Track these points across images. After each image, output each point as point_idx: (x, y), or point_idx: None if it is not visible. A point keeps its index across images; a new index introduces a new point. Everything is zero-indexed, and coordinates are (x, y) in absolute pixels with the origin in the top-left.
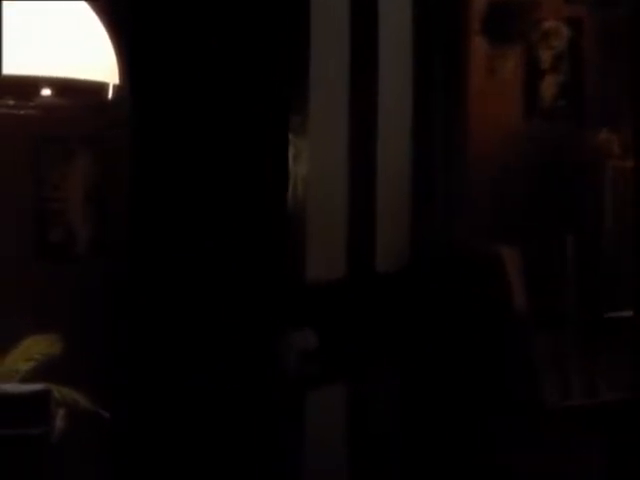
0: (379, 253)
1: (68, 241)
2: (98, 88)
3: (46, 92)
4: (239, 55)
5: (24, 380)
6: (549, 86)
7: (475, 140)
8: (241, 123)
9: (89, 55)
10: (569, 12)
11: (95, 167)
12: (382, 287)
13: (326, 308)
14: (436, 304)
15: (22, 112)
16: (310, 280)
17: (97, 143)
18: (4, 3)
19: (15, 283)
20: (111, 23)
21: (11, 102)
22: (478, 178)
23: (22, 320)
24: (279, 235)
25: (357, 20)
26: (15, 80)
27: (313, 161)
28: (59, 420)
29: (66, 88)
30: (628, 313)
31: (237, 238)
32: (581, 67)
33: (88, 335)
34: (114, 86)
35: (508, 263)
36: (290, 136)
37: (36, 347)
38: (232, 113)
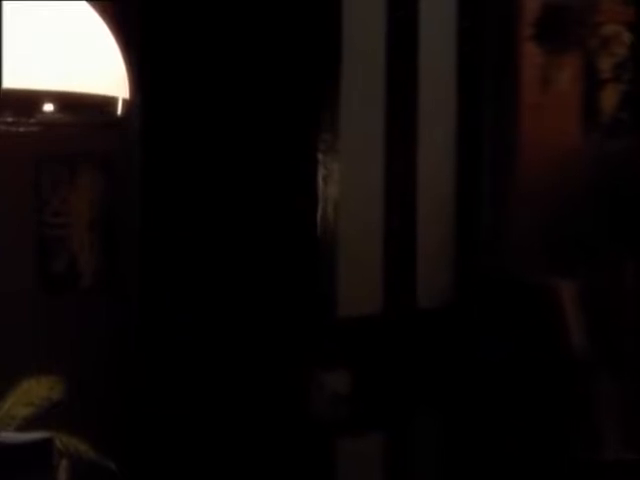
0: (420, 286)
1: (71, 272)
2: (106, 103)
3: (49, 107)
4: (264, 67)
5: (22, 428)
6: (609, 97)
7: (527, 159)
8: (266, 141)
9: (96, 67)
10: (631, 16)
11: (101, 190)
12: (423, 324)
13: (361, 347)
14: (483, 343)
15: (22, 129)
16: (342, 316)
17: (104, 164)
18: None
19: (12, 318)
20: (120, 31)
21: (10, 118)
22: (529, 201)
23: (20, 360)
24: (308, 265)
25: (395, 27)
26: (15, 94)
27: (345, 183)
28: (62, 472)
29: (71, 103)
30: None
31: (261, 268)
32: None
33: (93, 376)
34: (124, 101)
35: (564, 297)
36: (319, 155)
37: (36, 390)
38: (256, 130)
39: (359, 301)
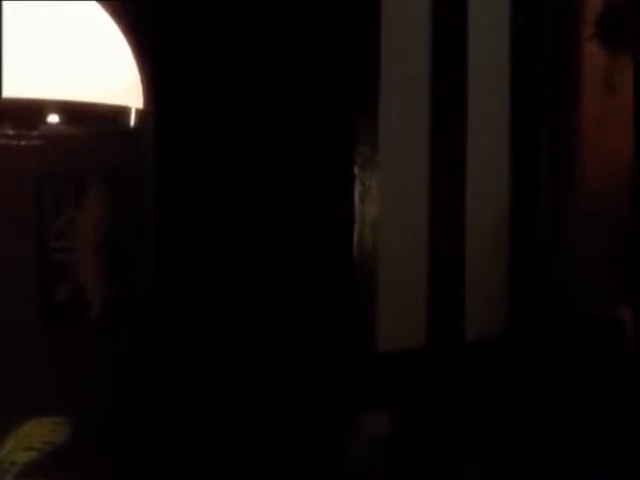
0: (468, 317)
1: (77, 301)
2: (117, 113)
3: (53, 118)
4: (294, 72)
5: (23, 474)
6: None
7: (588, 175)
8: (296, 155)
9: (106, 73)
10: None
11: (111, 210)
12: (471, 359)
13: (402, 384)
14: (541, 379)
15: (23, 143)
16: (382, 350)
17: (114, 180)
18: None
19: (11, 353)
20: (132, 34)
21: (10, 131)
22: (591, 222)
23: (20, 399)
24: (343, 293)
25: (440, 27)
26: (15, 104)
27: (384, 200)
28: None
29: (77, 114)
30: None
31: (290, 296)
32: None
33: (101, 418)
34: (136, 111)
35: (630, 328)
36: (356, 170)
37: (38, 433)
38: (285, 142)
39: (400, 334)
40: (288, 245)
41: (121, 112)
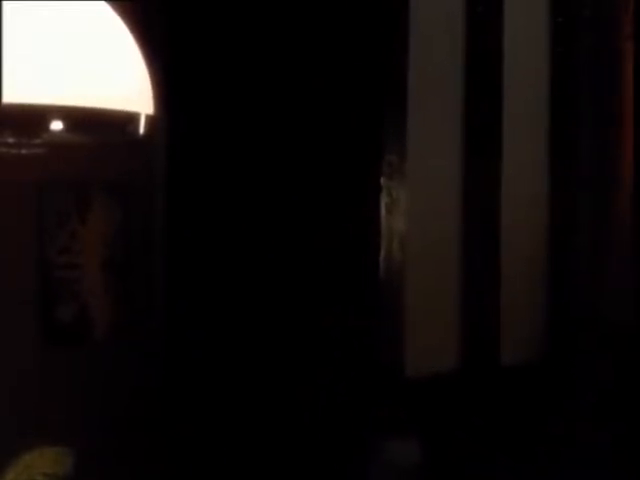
0: (504, 338)
1: (81, 322)
2: (125, 120)
3: (56, 126)
4: (314, 74)
5: None
6: None
7: (634, 186)
8: (316, 165)
9: (114, 77)
10: None
11: (118, 224)
12: (507, 383)
13: (432, 411)
14: (578, 405)
15: (24, 152)
16: (410, 375)
17: (121, 192)
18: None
19: (10, 378)
20: (143, 36)
21: (10, 139)
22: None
23: (20, 428)
24: (367, 313)
25: (473, 26)
26: (16, 110)
27: (413, 213)
28: None
29: (83, 120)
30: None
31: (311, 317)
32: None
33: (107, 448)
34: (147, 117)
35: None
36: (382, 180)
37: (39, 464)
38: (304, 150)
39: (431, 357)
40: (309, 261)
41: (129, 118)
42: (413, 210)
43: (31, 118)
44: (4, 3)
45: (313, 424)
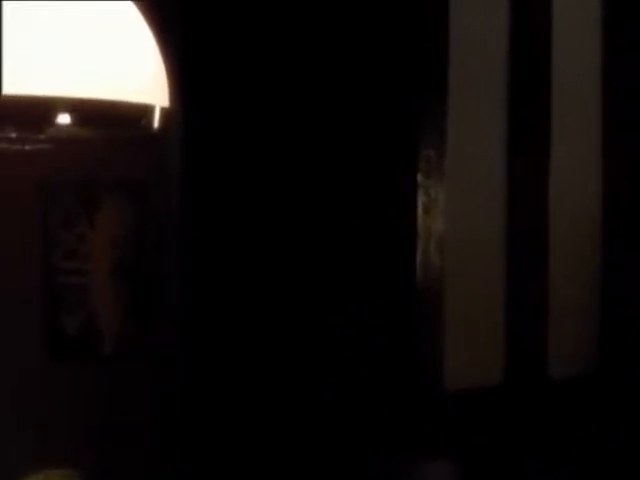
0: (552, 349)
1: (89, 333)
2: (138, 114)
3: (63, 119)
4: (342, 62)
5: None
6: None
7: None
8: (346, 161)
9: (126, 67)
10: None
11: (130, 226)
12: (555, 398)
13: (474, 428)
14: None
15: (28, 148)
16: (450, 389)
17: (133, 192)
18: None
19: (14, 395)
20: (156, 23)
21: (13, 134)
22: None
23: (25, 449)
24: (405, 321)
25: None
26: (19, 103)
27: (453, 214)
28: None
29: (92, 114)
30: None
31: (342, 326)
32: None
33: (117, 471)
34: (161, 110)
35: None
36: (419, 178)
37: None
38: (334, 146)
39: (473, 370)
40: (340, 265)
41: (143, 112)
42: (452, 210)
43: (35, 111)
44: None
45: (346, 443)
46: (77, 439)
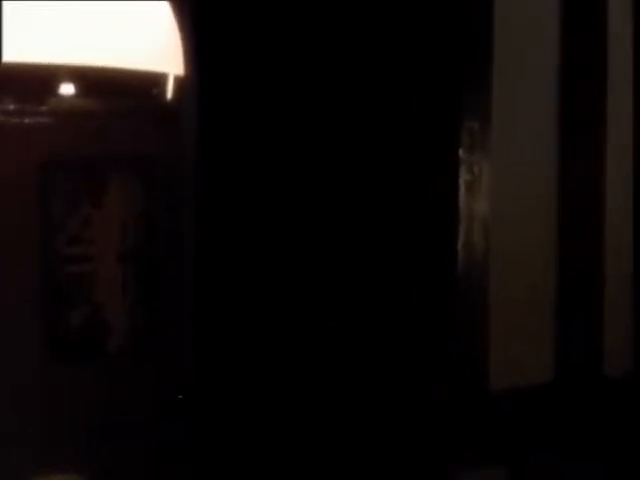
0: (607, 345)
1: (95, 327)
2: (149, 83)
3: (66, 90)
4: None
5: None
6: None
7: None
8: (378, 135)
9: (136, 31)
10: None
11: (139, 209)
12: (611, 398)
13: (522, 430)
14: None
15: (27, 121)
16: (496, 388)
17: (144, 171)
18: None
19: (13, 395)
20: None
21: (11, 106)
22: None
23: (26, 452)
24: (446, 314)
25: None
26: (19, 71)
27: (499, 193)
28: None
29: (99, 83)
30: None
31: (376, 320)
32: None
33: (124, 473)
34: (175, 79)
35: None
36: (461, 153)
37: None
38: (364, 117)
39: (520, 367)
40: (374, 253)
41: (154, 81)
42: (498, 189)
43: (35, 81)
44: None
45: (384, 451)
46: (81, 441)
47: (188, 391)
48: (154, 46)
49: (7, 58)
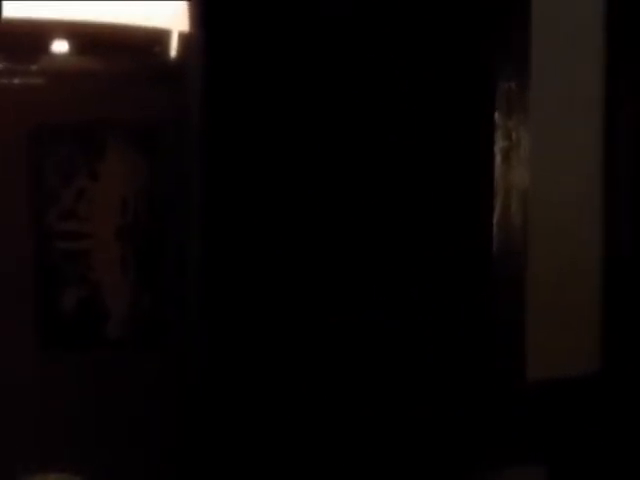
0: None
1: (92, 311)
2: (151, 40)
3: (60, 47)
4: None
5: None
6: None
7: None
8: (403, 99)
9: None
10: None
11: (141, 180)
12: None
13: (565, 426)
14: None
15: (17, 82)
16: (535, 378)
17: (145, 138)
18: None
19: (4, 388)
20: None
21: (0, 65)
22: None
23: (18, 450)
24: (477, 298)
25: None
26: (9, 28)
27: (540, 163)
28: None
29: (95, 41)
30: None
31: (403, 306)
32: None
33: (125, 473)
34: (180, 37)
35: None
36: (497, 117)
37: None
38: (388, 80)
39: (562, 357)
40: (398, 232)
41: (156, 38)
42: (539, 158)
43: (26, 37)
44: None
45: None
46: (75, 438)
47: (194, 383)
48: (156, 1)
49: None
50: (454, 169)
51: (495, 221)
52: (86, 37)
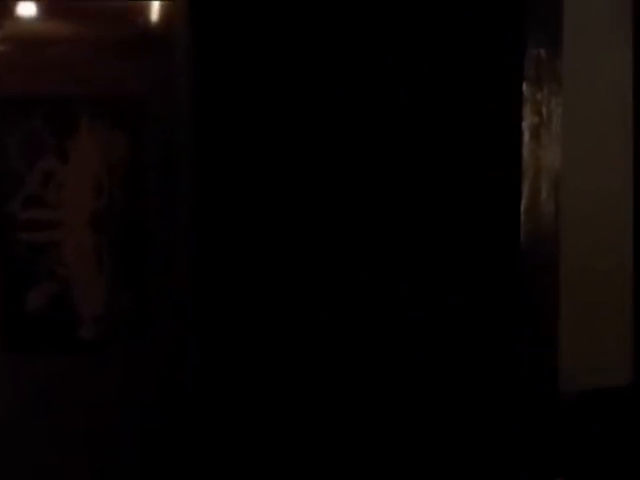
0: None
1: (60, 311)
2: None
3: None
4: None
5: None
6: None
7: None
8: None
9: None
10: None
11: (119, 159)
12: None
13: (598, 438)
14: None
15: None
16: (567, 391)
17: (124, 114)
18: None
19: None
20: None
21: None
22: None
23: None
24: (503, 297)
25: None
26: None
27: (573, 142)
28: None
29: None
30: None
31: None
32: None
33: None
34: (163, 6)
35: None
36: (525, 89)
37: None
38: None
39: (594, 367)
40: (415, 218)
41: (139, 7)
42: (572, 136)
43: None
44: None
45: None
46: (47, 448)
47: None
48: None
49: None
50: (478, 149)
51: (523, 209)
52: (57, 1)
